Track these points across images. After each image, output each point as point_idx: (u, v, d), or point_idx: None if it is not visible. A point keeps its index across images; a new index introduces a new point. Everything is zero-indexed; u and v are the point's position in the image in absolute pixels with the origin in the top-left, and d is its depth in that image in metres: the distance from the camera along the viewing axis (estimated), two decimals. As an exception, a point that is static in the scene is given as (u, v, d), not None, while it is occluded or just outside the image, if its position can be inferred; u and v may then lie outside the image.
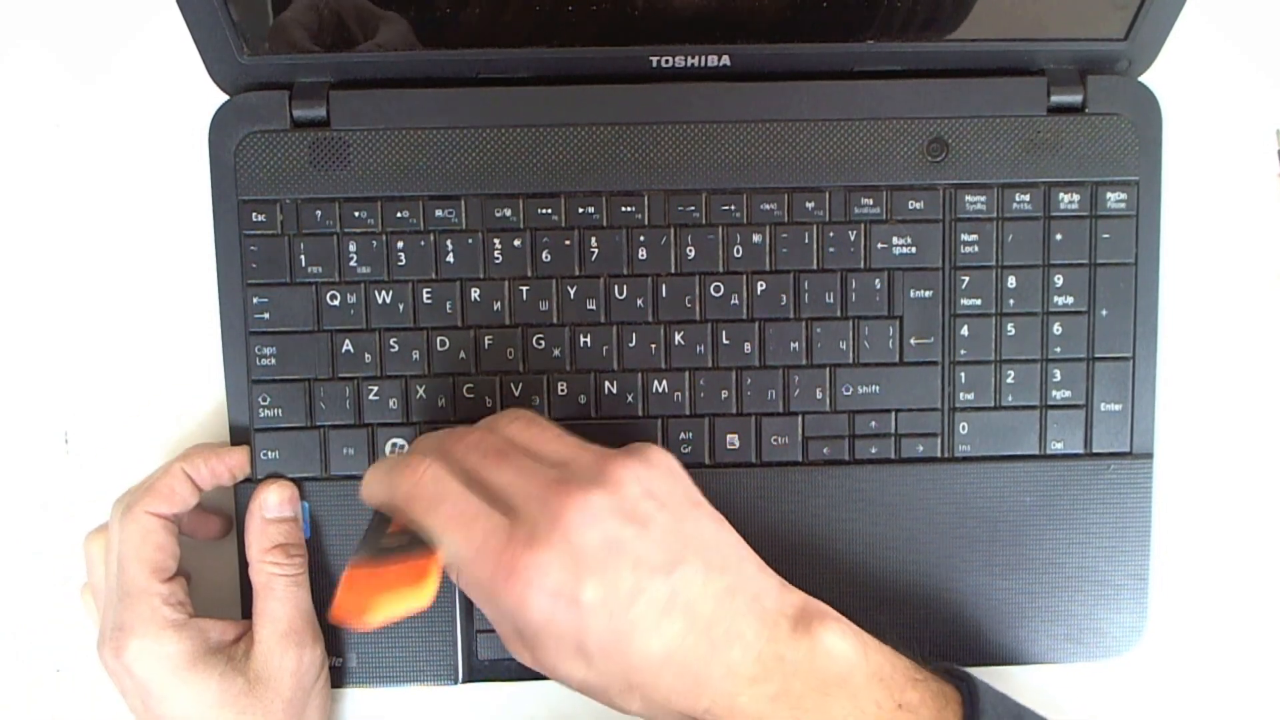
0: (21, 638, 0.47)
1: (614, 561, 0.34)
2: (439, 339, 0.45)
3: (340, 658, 0.45)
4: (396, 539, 0.36)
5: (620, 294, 0.45)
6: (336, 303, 0.45)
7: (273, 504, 0.44)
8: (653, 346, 0.45)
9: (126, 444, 0.47)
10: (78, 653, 0.47)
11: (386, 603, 0.32)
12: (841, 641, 0.36)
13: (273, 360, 0.45)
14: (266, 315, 0.45)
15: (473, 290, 0.45)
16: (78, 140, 0.47)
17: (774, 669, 0.35)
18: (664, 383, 0.45)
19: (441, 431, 0.40)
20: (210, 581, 0.46)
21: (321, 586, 0.45)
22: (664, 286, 0.45)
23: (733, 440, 0.45)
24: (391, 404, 0.45)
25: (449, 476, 0.36)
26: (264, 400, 0.45)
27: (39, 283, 0.47)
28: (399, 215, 0.45)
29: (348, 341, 0.45)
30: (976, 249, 0.45)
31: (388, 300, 0.45)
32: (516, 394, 0.45)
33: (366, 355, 0.45)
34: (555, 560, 0.33)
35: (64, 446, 0.47)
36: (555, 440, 0.38)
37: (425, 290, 0.45)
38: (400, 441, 0.45)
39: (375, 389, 0.45)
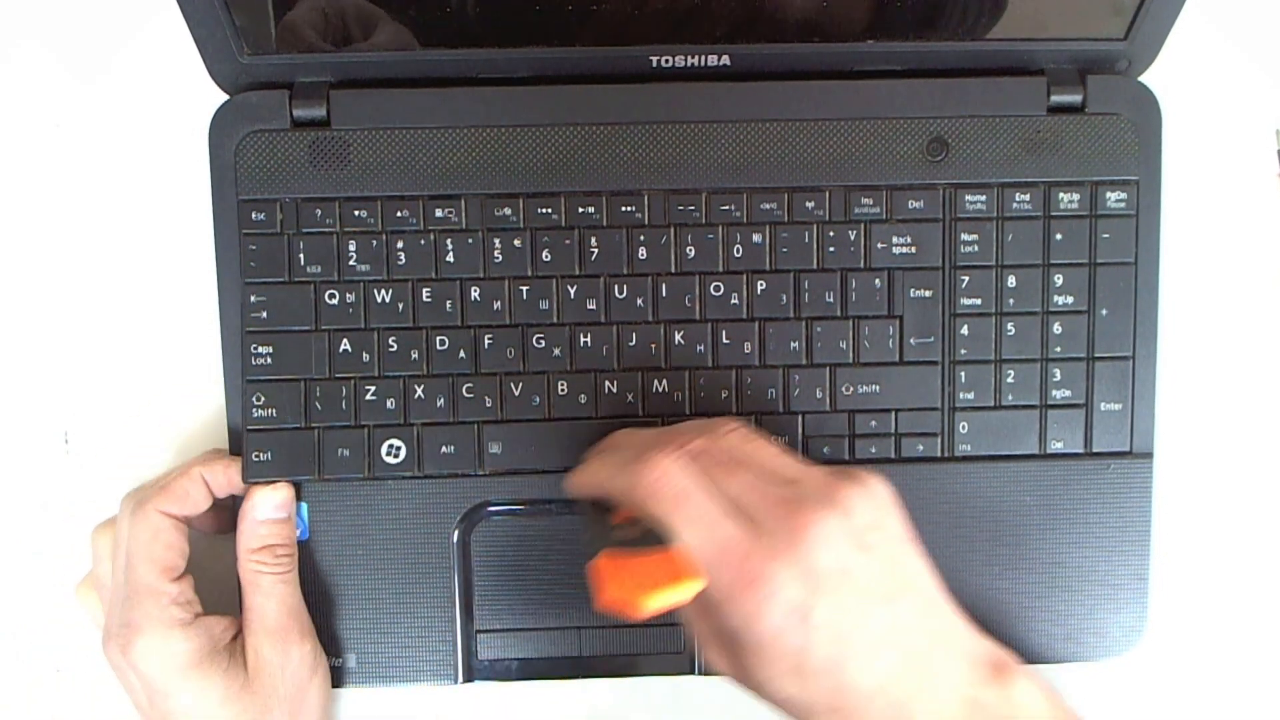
0: (21, 638, 0.47)
1: (844, 586, 0.34)
2: (438, 338, 0.45)
3: (339, 657, 0.45)
4: (626, 530, 0.36)
5: (620, 293, 0.45)
6: (335, 302, 0.45)
7: (263, 507, 0.44)
8: (653, 346, 0.45)
9: (126, 444, 0.47)
10: (78, 653, 0.47)
11: (659, 595, 0.32)
12: (1035, 693, 0.36)
13: (268, 359, 0.45)
14: (263, 314, 0.45)
15: (473, 290, 0.45)
16: (78, 140, 0.47)
17: (973, 713, 0.35)
18: (664, 382, 0.45)
19: (651, 430, 0.41)
20: (210, 575, 0.46)
21: (319, 587, 0.45)
22: (664, 286, 0.45)
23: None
24: (389, 404, 0.45)
25: (690, 478, 0.36)
26: (258, 400, 0.45)
27: (39, 282, 0.47)
28: (399, 215, 0.45)
29: (345, 341, 0.45)
30: (976, 248, 0.45)
31: (387, 299, 0.45)
32: (517, 394, 0.45)
33: (364, 355, 0.45)
34: (794, 577, 0.34)
35: (64, 446, 0.47)
36: (779, 457, 0.38)
37: (425, 289, 0.45)
38: (398, 443, 0.45)
39: (372, 389, 0.45)
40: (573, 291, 0.45)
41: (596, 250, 0.45)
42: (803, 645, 0.34)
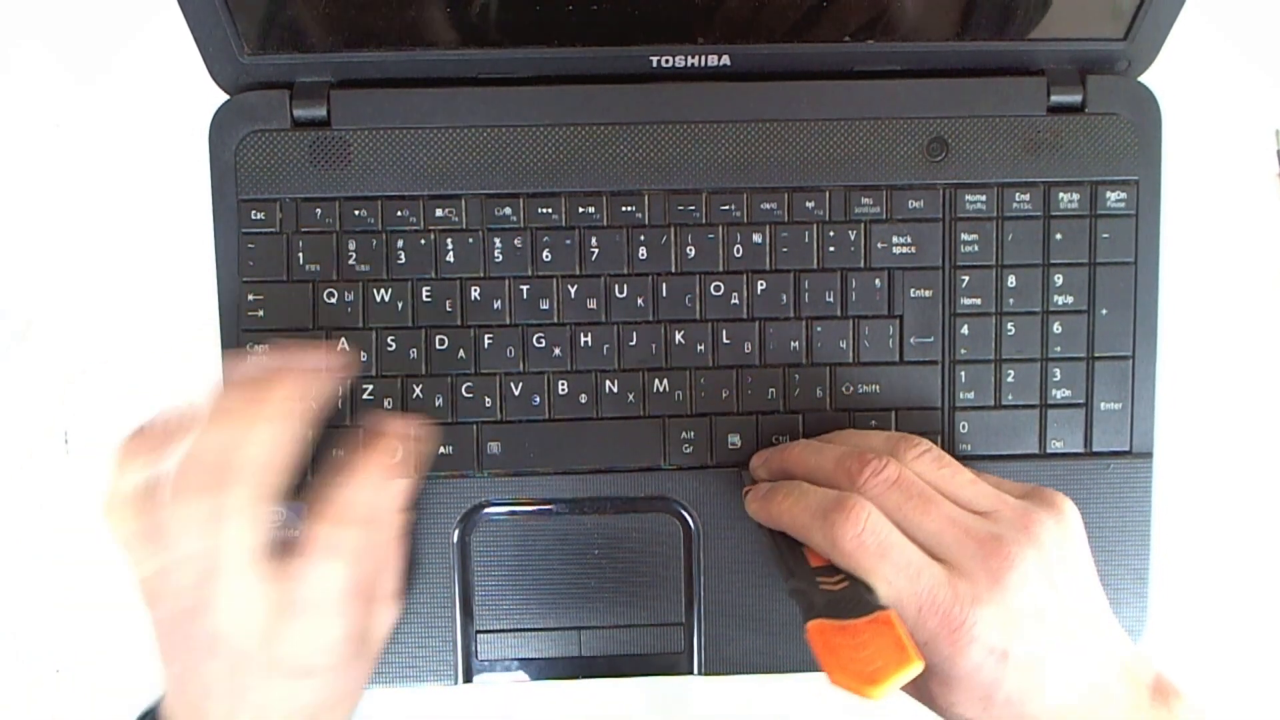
0: (21, 638, 0.47)
1: (1038, 624, 0.36)
2: (438, 338, 0.45)
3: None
4: (829, 579, 0.37)
5: (621, 293, 0.45)
6: (334, 301, 0.45)
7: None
8: (653, 346, 0.45)
9: None
10: (78, 653, 0.47)
11: (886, 685, 0.33)
12: (1195, 717, 0.37)
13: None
14: (260, 313, 0.45)
15: (472, 289, 0.45)
16: (78, 140, 0.47)
17: None
18: (665, 382, 0.45)
19: (834, 446, 0.41)
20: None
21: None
22: (664, 286, 0.45)
23: (734, 440, 0.45)
24: (386, 404, 0.45)
25: (889, 526, 0.37)
26: None
27: (40, 282, 0.47)
28: (399, 214, 0.45)
29: (344, 340, 0.45)
30: (976, 248, 0.45)
31: (386, 299, 0.45)
32: (517, 393, 0.45)
33: (363, 354, 0.45)
34: (995, 620, 0.35)
35: (64, 446, 0.47)
36: (971, 485, 0.39)
37: (424, 289, 0.45)
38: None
39: (369, 388, 0.45)
40: (573, 291, 0.45)
41: (597, 250, 0.45)
42: (995, 680, 0.35)
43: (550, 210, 0.45)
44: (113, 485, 0.40)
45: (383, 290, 0.45)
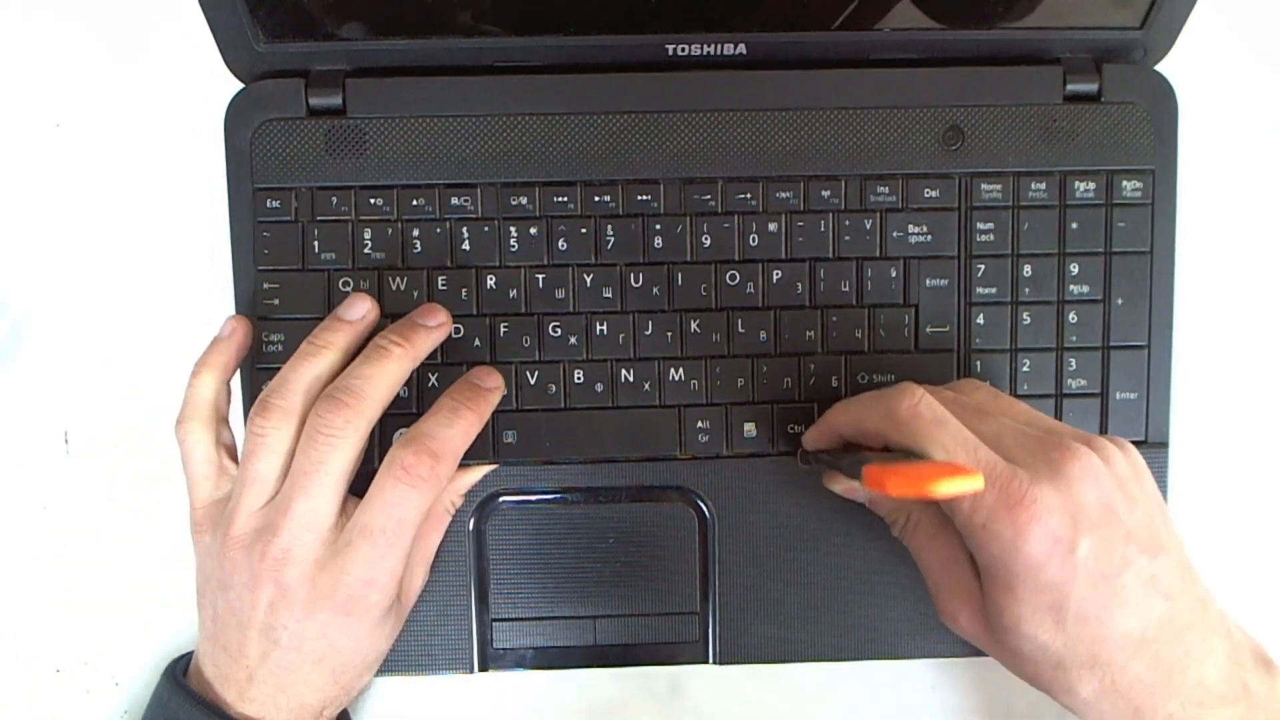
0: (21, 638, 0.47)
1: (1108, 526, 0.34)
2: (454, 326, 0.45)
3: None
4: (864, 458, 0.36)
5: (636, 282, 0.45)
6: (349, 289, 0.45)
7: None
8: (669, 334, 0.45)
9: (127, 444, 0.47)
10: (78, 653, 0.47)
11: (950, 482, 0.30)
12: None
13: (280, 346, 0.45)
14: (276, 301, 0.45)
15: (488, 278, 0.45)
16: (94, 129, 0.47)
17: (1240, 695, 0.35)
18: (680, 370, 0.45)
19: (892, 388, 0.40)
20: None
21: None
22: (680, 274, 0.45)
23: (750, 429, 0.45)
24: (402, 392, 0.45)
25: (944, 409, 0.36)
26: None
27: (44, 277, 0.47)
28: (414, 203, 0.45)
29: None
30: (992, 237, 0.45)
31: (402, 287, 0.45)
32: (532, 382, 0.45)
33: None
34: (1059, 504, 0.33)
35: (64, 446, 0.47)
36: (1030, 411, 0.38)
37: (440, 278, 0.45)
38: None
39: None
40: (589, 280, 0.45)
41: (613, 239, 0.45)
42: (1064, 581, 0.34)
43: (566, 199, 0.45)
44: (196, 394, 0.42)
45: (398, 279, 0.45)
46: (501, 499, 0.45)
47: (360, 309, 0.42)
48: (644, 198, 0.45)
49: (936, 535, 0.40)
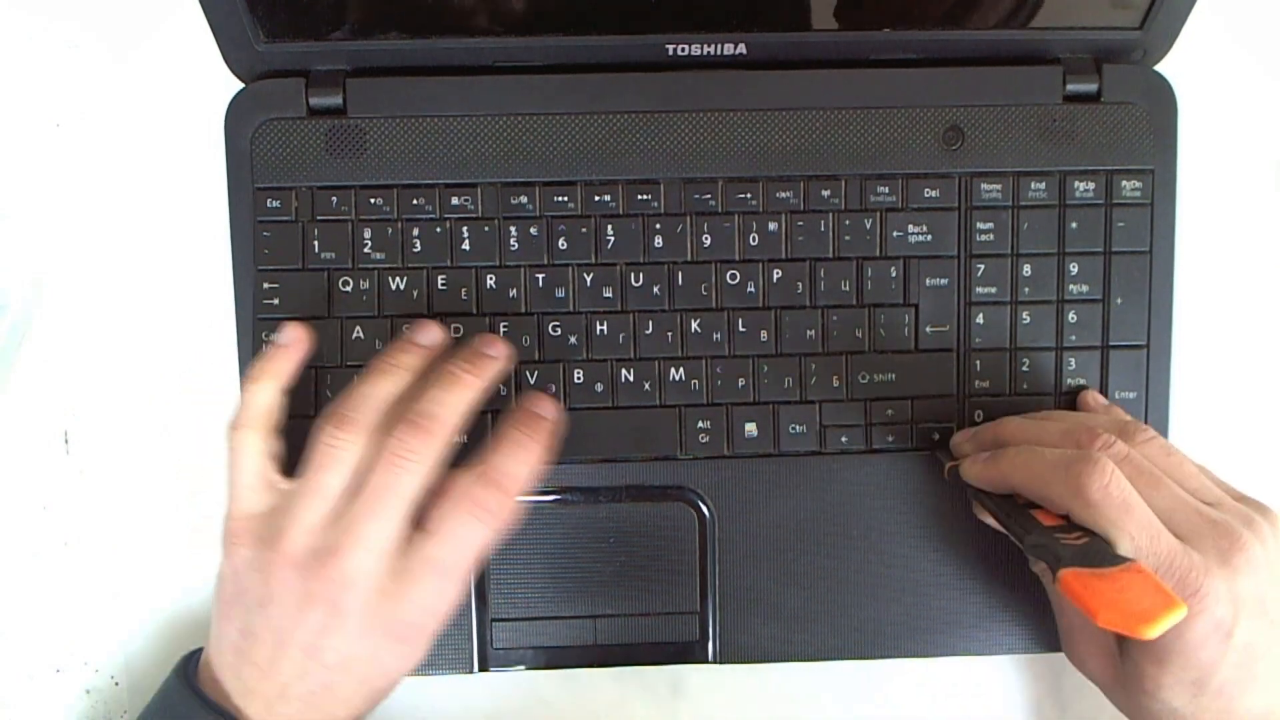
0: (22, 638, 0.47)
1: (1260, 614, 0.36)
2: (453, 326, 0.45)
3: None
4: (1064, 533, 0.37)
5: (637, 281, 0.45)
6: (349, 289, 0.45)
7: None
8: (669, 334, 0.45)
9: (127, 444, 0.47)
10: (78, 653, 0.47)
11: (1159, 624, 0.33)
12: None
13: None
14: (275, 301, 0.45)
15: (488, 277, 0.45)
16: (95, 129, 0.47)
17: None
18: (681, 370, 0.45)
19: (1055, 422, 0.41)
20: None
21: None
22: (680, 274, 0.45)
23: (750, 429, 0.45)
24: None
25: (1130, 486, 0.37)
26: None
27: (43, 279, 0.47)
28: (414, 202, 0.45)
29: (359, 328, 0.45)
30: (992, 237, 0.46)
31: (401, 287, 0.45)
32: (532, 381, 0.45)
33: (377, 343, 0.45)
34: (1225, 596, 0.36)
35: (64, 446, 0.47)
36: (1197, 477, 0.39)
37: (440, 277, 0.45)
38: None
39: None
40: (589, 279, 0.45)
41: (613, 238, 0.45)
42: (1214, 661, 0.36)
43: (566, 199, 0.45)
44: (254, 401, 0.41)
45: (398, 279, 0.45)
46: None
47: (433, 335, 0.42)
48: (644, 197, 0.45)
49: None
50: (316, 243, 0.45)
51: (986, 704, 0.48)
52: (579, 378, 0.45)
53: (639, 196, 0.45)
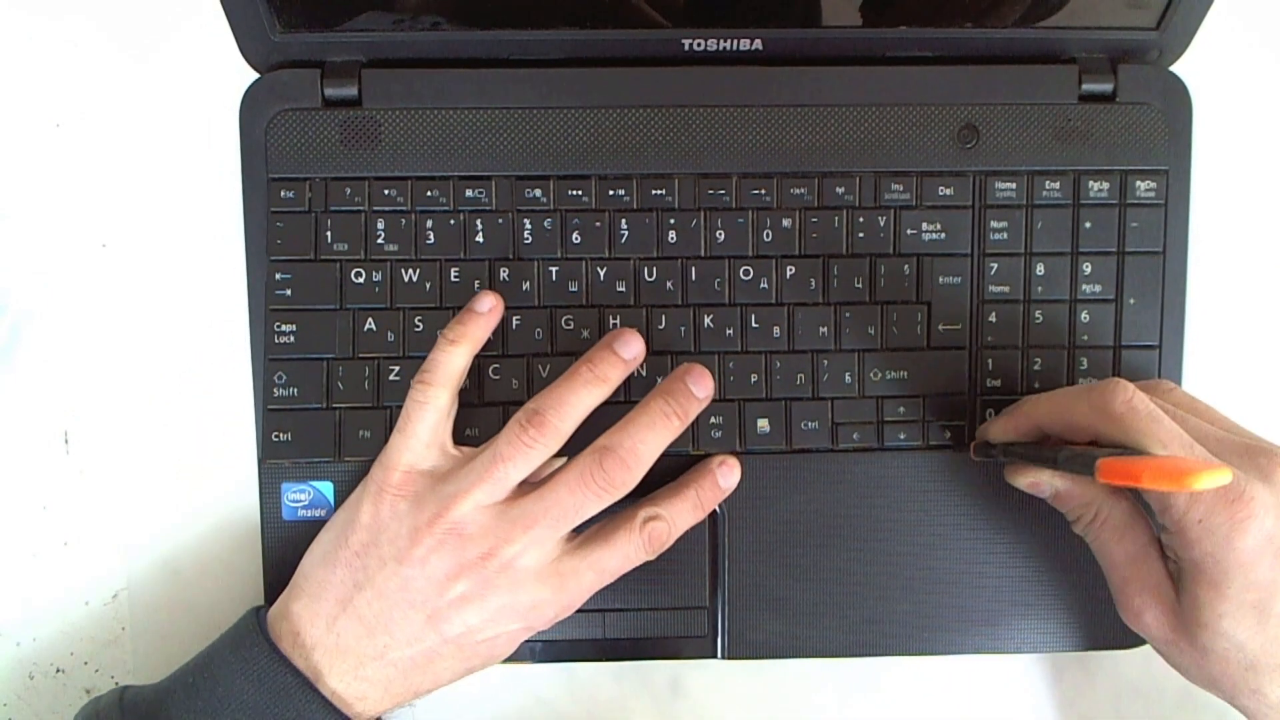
0: (21, 638, 0.46)
1: None
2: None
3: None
4: (1096, 451, 0.36)
5: (650, 276, 0.45)
6: (361, 281, 0.45)
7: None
8: (682, 329, 0.45)
9: (127, 444, 0.47)
10: (78, 652, 0.47)
11: (1206, 476, 0.31)
12: None
13: (291, 338, 0.45)
14: (288, 292, 0.45)
15: (501, 270, 0.45)
16: (96, 127, 0.47)
17: None
18: (694, 366, 0.45)
19: (1076, 387, 0.42)
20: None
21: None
22: (694, 269, 0.45)
23: (763, 425, 0.45)
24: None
25: (1154, 404, 0.37)
26: (279, 379, 0.44)
27: (42, 279, 0.47)
28: (429, 194, 0.45)
29: (370, 320, 0.45)
30: (1006, 236, 0.46)
31: (414, 279, 0.45)
32: (544, 376, 0.45)
33: (389, 334, 0.45)
34: (1273, 505, 0.35)
35: (64, 446, 0.47)
36: (1226, 418, 0.39)
37: (453, 269, 0.45)
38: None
39: (396, 369, 0.45)
40: (602, 274, 0.45)
41: (626, 233, 0.45)
42: (1273, 580, 0.35)
43: (580, 192, 0.45)
44: (450, 362, 0.42)
45: (411, 270, 0.45)
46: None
47: (636, 349, 0.42)
48: (658, 192, 0.45)
49: (1126, 530, 0.40)
50: (329, 234, 0.45)
51: (989, 703, 0.48)
52: (591, 372, 0.45)
53: (653, 191, 0.45)
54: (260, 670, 0.38)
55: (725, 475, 0.43)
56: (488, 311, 0.43)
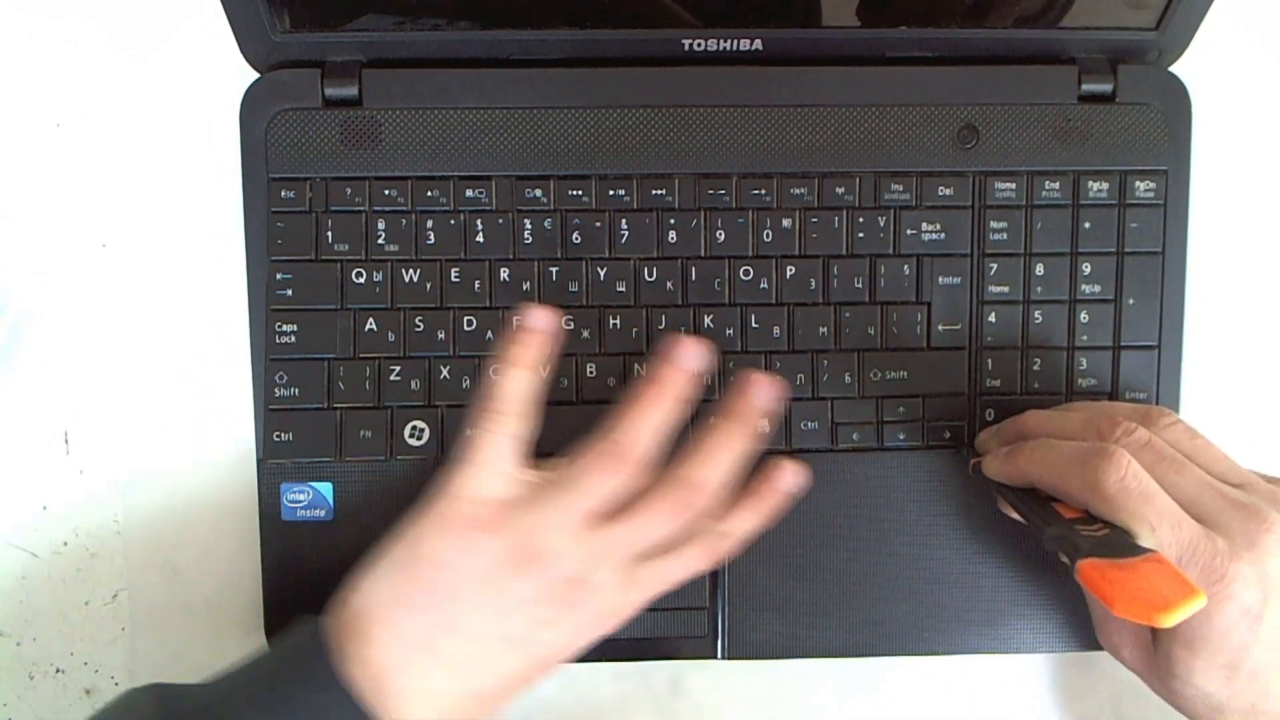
0: (21, 638, 0.46)
1: None
2: (466, 318, 0.45)
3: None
4: (1089, 528, 0.37)
5: (650, 276, 0.45)
6: (361, 281, 0.45)
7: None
8: (682, 329, 0.45)
9: (127, 444, 0.47)
10: (78, 653, 0.47)
11: (1176, 613, 0.33)
12: None
13: (292, 338, 0.45)
14: (289, 292, 0.45)
15: (502, 270, 0.45)
16: (96, 126, 0.47)
17: None
18: (693, 365, 0.45)
19: (1076, 414, 0.41)
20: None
21: (342, 567, 0.44)
22: (694, 269, 0.45)
23: (763, 425, 0.45)
24: (413, 385, 0.45)
25: (1149, 476, 0.37)
26: (280, 379, 0.44)
27: (42, 279, 0.47)
28: (429, 194, 0.45)
29: (371, 320, 0.45)
30: (1005, 236, 0.46)
31: (414, 279, 0.45)
32: (545, 375, 0.45)
33: (390, 334, 0.45)
34: (1253, 579, 0.35)
35: (64, 446, 0.47)
36: (1223, 460, 0.39)
37: (453, 269, 0.45)
38: (421, 425, 0.45)
39: (397, 369, 0.45)
40: (602, 274, 0.45)
41: (627, 233, 0.45)
42: (1244, 645, 0.36)
43: (580, 193, 0.45)
44: (517, 388, 0.41)
45: (411, 271, 0.45)
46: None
47: (704, 360, 0.42)
48: (658, 192, 0.45)
49: None
50: (330, 234, 0.45)
51: (989, 703, 0.48)
52: (591, 372, 0.45)
53: (653, 191, 0.45)
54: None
55: (786, 479, 0.43)
56: (542, 327, 0.41)
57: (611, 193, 0.45)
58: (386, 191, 0.45)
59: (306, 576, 0.45)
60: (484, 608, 0.37)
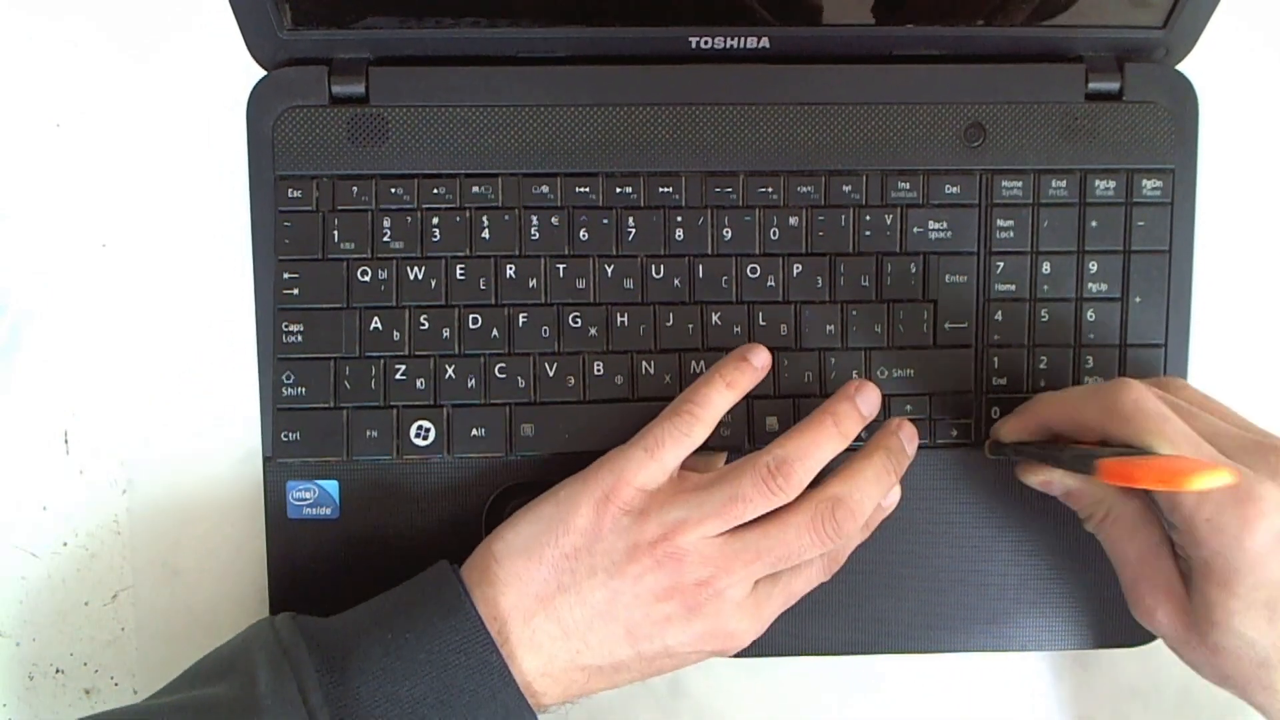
0: (21, 638, 0.46)
1: None
2: (471, 317, 0.45)
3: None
4: (1097, 451, 0.36)
5: (657, 274, 0.45)
6: (367, 279, 0.45)
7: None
8: (690, 327, 0.45)
9: (127, 444, 0.47)
10: (78, 652, 0.46)
11: (1204, 476, 0.31)
12: None
13: (299, 337, 0.44)
14: (295, 291, 0.45)
15: (508, 268, 0.45)
16: (97, 126, 0.47)
17: None
18: (701, 363, 0.45)
19: (1088, 385, 0.42)
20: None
21: (348, 566, 0.44)
22: (701, 267, 0.45)
23: (772, 423, 0.45)
24: (419, 384, 0.45)
25: (1162, 403, 0.37)
26: (288, 378, 0.44)
27: (43, 279, 0.47)
28: (435, 192, 0.45)
29: (377, 319, 0.45)
30: (1012, 234, 0.46)
31: (420, 276, 0.45)
32: (551, 374, 0.45)
33: (395, 333, 0.45)
34: None
35: (64, 446, 0.46)
36: (1238, 415, 0.39)
37: (459, 267, 0.45)
38: (427, 425, 0.45)
39: (402, 368, 0.45)
40: (610, 271, 0.45)
41: (634, 230, 0.45)
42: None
43: (587, 190, 0.45)
44: (720, 404, 0.41)
45: (417, 268, 0.45)
46: (517, 493, 0.45)
47: (875, 404, 0.42)
48: (666, 190, 0.45)
49: (1137, 529, 0.40)
50: (336, 233, 0.45)
51: (990, 702, 0.48)
52: (599, 369, 0.45)
53: (660, 189, 0.45)
54: (467, 641, 0.37)
55: (909, 437, 0.42)
56: (761, 365, 0.42)
57: (619, 190, 0.45)
58: (393, 190, 0.45)
59: (312, 574, 0.44)
60: (610, 588, 0.38)
